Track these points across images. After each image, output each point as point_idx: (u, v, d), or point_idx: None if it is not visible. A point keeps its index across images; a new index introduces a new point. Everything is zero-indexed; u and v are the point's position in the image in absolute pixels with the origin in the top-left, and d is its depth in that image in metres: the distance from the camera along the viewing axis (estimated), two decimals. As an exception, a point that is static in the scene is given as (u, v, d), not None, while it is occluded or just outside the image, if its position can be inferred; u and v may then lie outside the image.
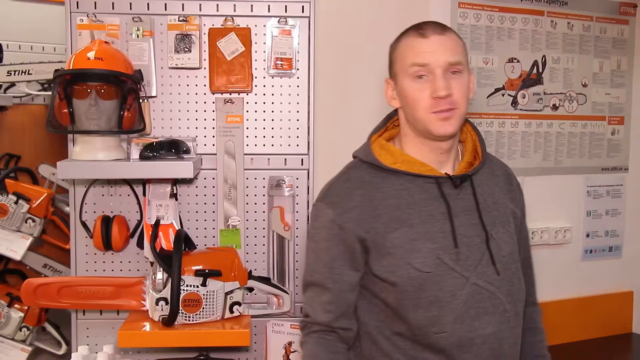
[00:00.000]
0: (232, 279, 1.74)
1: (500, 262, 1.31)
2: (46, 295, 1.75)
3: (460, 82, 1.29)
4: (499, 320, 1.29)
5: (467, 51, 1.38)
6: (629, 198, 2.68)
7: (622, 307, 2.71)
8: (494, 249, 1.31)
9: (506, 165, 1.48)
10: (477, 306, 1.28)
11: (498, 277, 1.30)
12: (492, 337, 1.28)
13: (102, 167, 1.71)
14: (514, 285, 1.33)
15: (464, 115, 1.32)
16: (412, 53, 1.30)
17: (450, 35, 1.32)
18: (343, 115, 2.13)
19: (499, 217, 1.35)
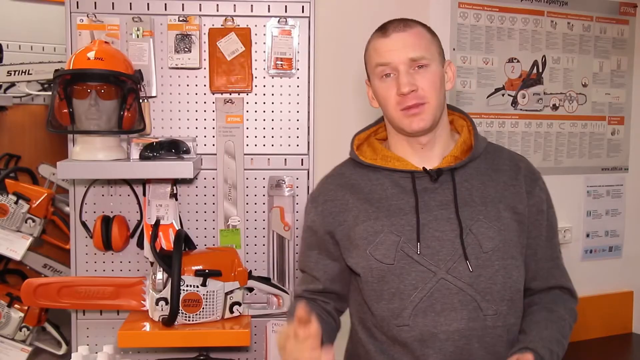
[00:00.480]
0: (232, 279, 1.74)
1: (479, 259, 1.28)
2: (46, 295, 1.75)
3: (426, 76, 1.30)
4: (468, 317, 1.26)
5: (438, 42, 1.37)
6: (629, 198, 2.68)
7: (622, 307, 2.71)
8: (470, 245, 1.28)
9: (521, 160, 1.41)
10: (443, 301, 1.27)
11: (471, 274, 1.27)
12: (457, 334, 1.26)
13: (102, 167, 1.71)
14: (497, 283, 1.28)
15: (438, 107, 1.32)
16: (375, 54, 1.34)
17: (413, 30, 1.33)
18: (343, 115, 2.13)
19: (485, 212, 1.31)
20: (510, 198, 1.34)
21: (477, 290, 1.27)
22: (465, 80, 2.34)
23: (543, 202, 1.37)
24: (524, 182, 1.36)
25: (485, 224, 1.30)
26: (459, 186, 1.33)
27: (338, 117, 2.11)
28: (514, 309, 1.31)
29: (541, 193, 1.37)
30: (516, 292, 1.32)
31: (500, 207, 1.32)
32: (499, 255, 1.29)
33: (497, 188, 1.34)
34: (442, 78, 1.34)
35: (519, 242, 1.33)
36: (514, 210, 1.33)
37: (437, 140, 1.37)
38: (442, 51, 1.37)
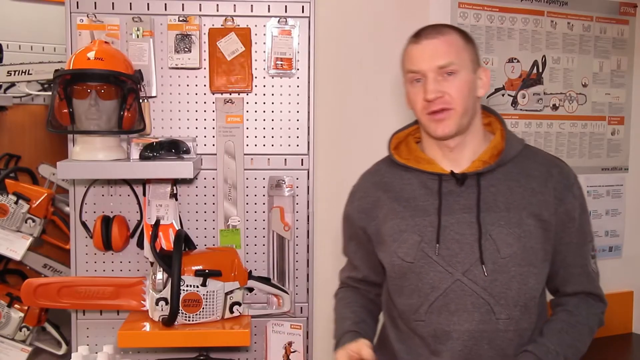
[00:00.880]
0: (232, 279, 1.73)
1: (495, 264, 1.31)
2: (46, 295, 1.75)
3: (454, 82, 1.32)
4: (479, 319, 1.31)
5: (472, 48, 1.37)
6: (629, 198, 2.68)
7: (622, 307, 2.71)
8: (488, 250, 1.31)
9: (557, 166, 1.39)
10: (457, 302, 1.32)
11: (486, 278, 1.30)
12: (468, 335, 1.31)
13: (102, 167, 1.71)
14: (512, 289, 1.31)
15: (464, 114, 1.34)
16: (407, 60, 1.37)
17: (445, 37, 1.34)
18: (343, 115, 2.13)
19: (507, 218, 1.33)
20: (536, 205, 1.34)
21: (492, 294, 1.31)
22: (465, 80, 2.34)
23: (575, 210, 1.36)
24: (554, 189, 1.35)
25: (505, 230, 1.32)
26: (484, 191, 1.35)
27: (338, 117, 2.11)
28: (527, 314, 1.34)
29: (574, 200, 1.37)
30: (531, 299, 1.34)
31: (523, 214, 1.33)
32: (516, 262, 1.31)
33: (524, 194, 1.35)
34: (471, 84, 1.35)
35: (541, 249, 1.34)
36: (539, 218, 1.34)
37: (467, 144, 1.39)
38: (476, 57, 1.38)
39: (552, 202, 1.35)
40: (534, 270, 1.33)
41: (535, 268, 1.33)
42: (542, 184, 1.36)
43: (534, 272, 1.33)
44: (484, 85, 1.38)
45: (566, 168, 1.40)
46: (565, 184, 1.37)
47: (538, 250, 1.33)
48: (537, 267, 1.34)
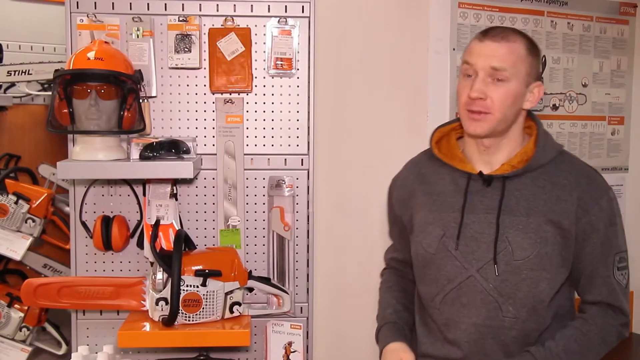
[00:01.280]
0: (232, 279, 1.73)
1: (508, 265, 1.36)
2: (46, 295, 1.75)
3: (501, 89, 1.36)
4: (487, 316, 1.38)
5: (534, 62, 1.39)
6: (629, 198, 2.68)
7: (622, 307, 2.70)
8: (503, 251, 1.37)
9: (588, 177, 1.42)
10: (468, 296, 1.40)
11: (497, 277, 1.37)
12: (474, 328, 1.39)
13: (102, 167, 1.71)
14: (521, 291, 1.36)
15: (502, 121, 1.38)
16: (467, 52, 1.43)
17: (509, 43, 1.37)
18: (343, 115, 2.13)
19: (526, 222, 1.37)
20: (557, 213, 1.37)
21: (501, 293, 1.37)
22: (465, 80, 2.34)
23: (600, 222, 1.38)
24: (580, 198, 1.37)
25: (521, 234, 1.37)
26: (507, 194, 1.39)
27: (338, 117, 2.11)
28: (535, 316, 1.38)
29: (600, 213, 1.38)
30: (540, 302, 1.38)
31: (542, 220, 1.37)
32: (528, 266, 1.36)
33: (547, 201, 1.38)
34: (519, 96, 1.38)
35: (558, 256, 1.37)
36: (559, 226, 1.37)
37: (502, 147, 1.43)
38: (534, 71, 1.40)
39: (575, 211, 1.37)
40: (546, 276, 1.37)
41: (549, 273, 1.36)
42: (567, 192, 1.38)
43: (546, 277, 1.37)
44: (534, 100, 1.41)
45: (598, 179, 1.43)
46: (592, 195, 1.39)
47: (554, 257, 1.36)
48: (551, 272, 1.36)
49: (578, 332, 1.37)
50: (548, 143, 1.43)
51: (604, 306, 1.38)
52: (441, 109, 2.15)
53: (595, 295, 1.39)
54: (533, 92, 1.41)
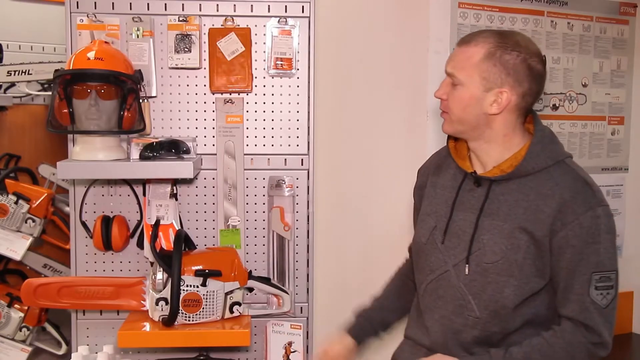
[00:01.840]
0: (232, 279, 1.73)
1: (478, 266, 1.38)
2: (46, 295, 1.75)
3: (454, 93, 1.40)
4: (453, 311, 1.42)
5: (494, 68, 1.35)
6: (629, 198, 2.68)
7: (622, 307, 2.69)
8: (476, 252, 1.39)
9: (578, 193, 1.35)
10: (444, 289, 1.45)
11: (466, 276, 1.40)
12: (442, 320, 1.44)
13: (102, 167, 1.71)
14: (486, 293, 1.37)
15: (460, 122, 1.41)
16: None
17: (469, 48, 1.38)
18: (343, 115, 2.13)
19: (501, 227, 1.37)
20: (532, 222, 1.35)
21: (468, 292, 1.40)
22: (465, 80, 2.34)
23: (576, 237, 1.33)
24: (560, 211, 1.34)
25: (495, 239, 1.37)
26: (492, 197, 1.41)
27: (338, 117, 2.11)
28: (497, 320, 1.38)
29: (579, 229, 1.33)
30: (502, 307, 1.37)
31: (517, 228, 1.36)
32: (496, 271, 1.37)
33: (527, 210, 1.36)
34: (474, 100, 1.37)
35: (531, 265, 1.35)
36: (532, 235, 1.35)
37: (488, 150, 1.43)
38: (496, 78, 1.35)
39: (551, 223, 1.34)
40: (513, 282, 1.35)
41: (516, 280, 1.35)
42: (547, 204, 1.35)
43: (513, 284, 1.35)
44: (499, 107, 1.37)
45: (586, 194, 1.35)
46: (574, 209, 1.33)
47: (525, 265, 1.35)
48: (519, 280, 1.35)
49: (544, 342, 1.35)
50: (544, 151, 1.39)
51: (577, 322, 1.36)
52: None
53: (569, 311, 1.36)
54: (498, 98, 1.36)
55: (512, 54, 1.35)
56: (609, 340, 1.35)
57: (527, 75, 1.36)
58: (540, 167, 1.38)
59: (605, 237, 1.34)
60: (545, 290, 1.39)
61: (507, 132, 1.41)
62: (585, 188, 1.36)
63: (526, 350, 1.35)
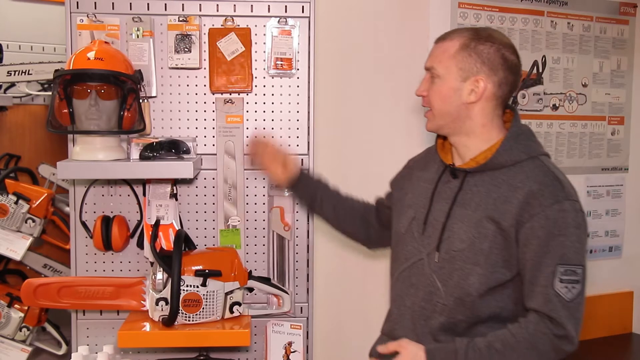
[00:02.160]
0: (232, 279, 1.73)
1: (447, 254, 1.44)
2: (46, 295, 1.75)
3: (434, 86, 1.47)
4: (423, 298, 1.47)
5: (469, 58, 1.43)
6: (629, 198, 2.68)
7: (622, 307, 2.71)
8: (446, 241, 1.44)
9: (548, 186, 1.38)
10: (417, 277, 1.50)
11: (436, 264, 1.45)
12: (412, 307, 1.49)
13: (102, 167, 1.71)
14: (452, 280, 1.42)
15: (442, 116, 1.47)
16: None
17: (445, 42, 1.46)
18: (343, 115, 2.13)
19: (470, 217, 1.42)
20: (500, 212, 1.39)
21: (438, 279, 1.45)
22: (465, 80, 2.34)
23: (541, 229, 1.36)
24: (528, 204, 1.37)
25: (463, 227, 1.43)
26: (465, 187, 1.46)
27: (338, 117, 2.11)
28: (462, 308, 1.42)
29: (545, 220, 1.36)
30: (467, 295, 1.40)
31: (484, 217, 1.40)
32: (462, 258, 1.41)
33: (497, 200, 1.40)
34: (452, 90, 1.44)
35: (498, 255, 1.39)
36: (499, 225, 1.39)
37: (467, 143, 1.49)
38: (471, 67, 1.43)
39: (517, 213, 1.37)
40: (478, 271, 1.39)
41: (481, 269, 1.39)
42: (516, 195, 1.38)
43: (478, 273, 1.39)
44: (479, 92, 1.43)
45: (555, 188, 1.39)
46: (541, 202, 1.36)
47: (491, 255, 1.38)
48: (484, 269, 1.39)
49: (508, 333, 1.38)
50: (518, 145, 1.43)
51: (541, 314, 1.37)
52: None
53: (534, 303, 1.38)
54: (475, 86, 1.43)
55: (486, 44, 1.43)
56: (573, 335, 1.36)
57: (502, 64, 1.43)
58: (514, 160, 1.42)
59: (572, 231, 1.36)
60: (513, 284, 1.41)
61: (485, 122, 1.46)
62: (554, 182, 1.39)
63: (490, 340, 1.38)
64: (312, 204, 1.80)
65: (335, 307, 2.19)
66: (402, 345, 1.43)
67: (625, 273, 2.71)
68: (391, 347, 1.45)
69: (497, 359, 1.36)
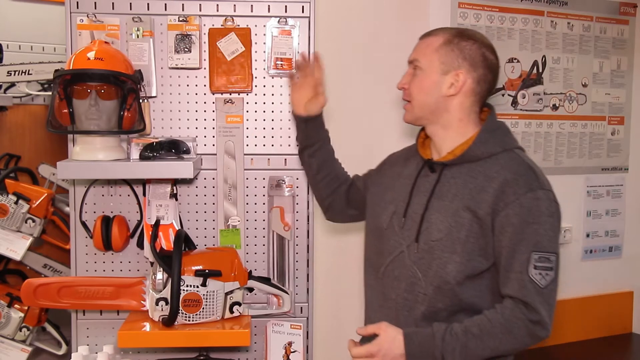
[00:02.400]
0: (232, 279, 1.74)
1: (426, 244, 1.48)
2: (46, 295, 1.75)
3: (416, 78, 1.52)
4: (405, 289, 1.50)
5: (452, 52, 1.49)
6: (629, 198, 2.68)
7: (622, 307, 2.71)
8: (424, 232, 1.48)
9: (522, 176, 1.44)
10: (399, 269, 1.53)
11: (416, 254, 1.49)
12: (396, 299, 1.52)
13: (102, 167, 1.71)
14: (432, 269, 1.46)
15: (421, 108, 1.52)
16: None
17: (430, 37, 1.53)
18: (343, 115, 2.13)
19: (447, 207, 1.47)
20: (476, 201, 1.44)
21: (419, 269, 1.49)
22: (465, 80, 2.34)
23: (516, 216, 1.40)
24: (503, 192, 1.42)
25: (441, 217, 1.47)
26: (443, 180, 1.51)
27: (338, 117, 2.11)
28: (441, 296, 1.46)
29: (519, 208, 1.40)
30: (445, 283, 1.45)
31: (461, 207, 1.45)
32: (440, 247, 1.45)
33: (473, 190, 1.45)
34: (434, 83, 1.50)
35: (474, 243, 1.43)
36: (475, 214, 1.43)
37: (444, 136, 1.54)
38: (453, 61, 1.49)
39: (493, 202, 1.42)
40: (456, 259, 1.43)
41: (459, 257, 1.43)
42: (491, 184, 1.44)
43: (455, 260, 1.43)
44: (458, 85, 1.49)
45: (529, 177, 1.43)
46: (515, 190, 1.41)
47: (468, 243, 1.43)
48: (462, 257, 1.43)
49: (484, 318, 1.42)
50: (493, 138, 1.49)
51: (516, 300, 1.41)
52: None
53: (509, 289, 1.42)
54: (455, 79, 1.48)
55: (469, 42, 1.50)
56: (547, 321, 1.40)
57: (482, 62, 1.49)
58: (489, 152, 1.48)
59: (546, 220, 1.41)
60: (490, 274, 1.46)
61: (462, 117, 1.52)
62: (528, 172, 1.45)
63: (467, 325, 1.42)
64: (306, 147, 1.78)
65: (335, 307, 2.19)
66: (381, 328, 1.47)
67: (625, 273, 2.71)
68: (370, 330, 1.49)
69: (473, 343, 1.40)
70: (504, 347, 1.41)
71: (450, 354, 1.40)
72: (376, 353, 1.43)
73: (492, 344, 1.40)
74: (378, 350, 1.43)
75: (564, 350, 2.49)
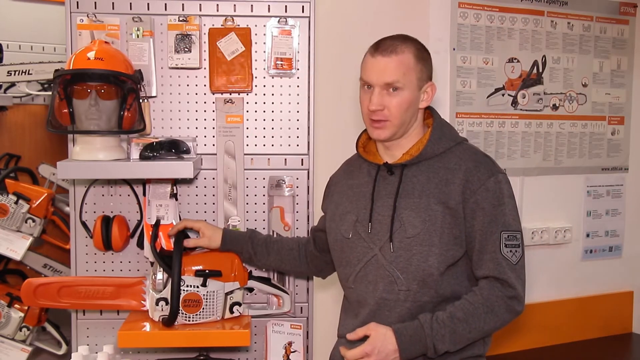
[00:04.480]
0: (232, 279, 1.74)
1: (401, 242, 1.51)
2: (46, 295, 1.75)
3: (395, 99, 1.51)
4: (384, 289, 1.52)
5: (424, 67, 1.53)
6: (629, 198, 2.68)
7: (622, 307, 2.71)
8: (398, 230, 1.51)
9: (479, 162, 1.53)
10: (373, 273, 1.54)
11: (392, 254, 1.51)
12: (374, 302, 1.53)
13: (102, 167, 1.71)
14: (412, 265, 1.49)
15: (400, 125, 1.54)
16: (363, 68, 1.57)
17: (398, 56, 1.51)
18: (343, 115, 2.13)
19: (418, 203, 1.51)
20: (445, 194, 1.51)
21: (397, 268, 1.51)
22: (465, 80, 2.34)
23: (485, 201, 1.49)
24: (468, 181, 1.50)
25: (413, 214, 1.51)
26: (405, 180, 1.55)
27: (338, 117, 2.11)
28: (426, 289, 1.50)
29: (486, 192, 1.49)
30: (429, 276, 1.49)
31: (432, 201, 1.51)
32: (418, 242, 1.49)
33: (439, 184, 1.52)
34: (413, 101, 1.53)
35: (449, 234, 1.49)
36: (446, 205, 1.50)
37: (401, 144, 1.59)
38: (425, 75, 1.55)
39: (462, 192, 1.50)
40: (435, 251, 1.49)
41: (437, 249, 1.49)
42: (455, 175, 1.52)
43: (435, 253, 1.49)
44: (428, 98, 1.57)
45: (487, 164, 1.53)
46: (479, 177, 1.50)
47: (444, 234, 1.49)
48: (440, 248, 1.49)
49: (466, 302, 1.48)
50: (444, 135, 1.57)
51: (492, 280, 1.49)
52: (441, 108, 2.16)
53: (484, 270, 1.49)
54: (427, 91, 1.56)
55: (426, 53, 1.56)
56: (522, 294, 1.50)
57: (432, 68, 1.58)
58: (444, 148, 1.56)
59: (508, 201, 1.52)
60: (464, 261, 1.53)
61: (422, 123, 1.61)
62: (485, 159, 1.55)
63: (451, 310, 1.47)
64: (249, 259, 1.79)
65: (336, 307, 2.19)
66: (371, 328, 1.49)
67: (625, 273, 2.71)
68: (360, 333, 1.50)
69: (460, 327, 1.46)
70: (487, 327, 1.48)
71: (441, 340, 1.45)
72: (371, 352, 1.46)
73: (478, 324, 1.46)
74: (372, 348, 1.46)
75: (564, 350, 2.49)
